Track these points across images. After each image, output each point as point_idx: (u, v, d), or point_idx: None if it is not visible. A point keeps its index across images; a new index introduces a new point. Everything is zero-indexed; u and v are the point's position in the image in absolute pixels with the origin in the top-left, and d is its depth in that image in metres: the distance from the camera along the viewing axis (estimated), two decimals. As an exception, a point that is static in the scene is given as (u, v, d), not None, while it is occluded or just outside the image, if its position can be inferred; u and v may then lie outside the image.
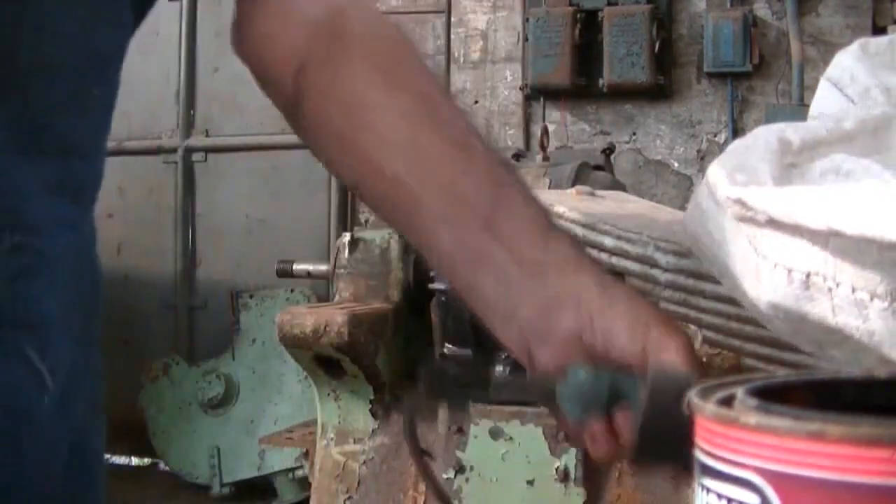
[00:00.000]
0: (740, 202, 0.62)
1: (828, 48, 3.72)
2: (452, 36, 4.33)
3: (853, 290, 0.60)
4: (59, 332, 0.78)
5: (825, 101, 0.78)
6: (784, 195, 0.60)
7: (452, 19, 4.33)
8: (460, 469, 1.97)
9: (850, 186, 0.58)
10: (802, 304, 0.63)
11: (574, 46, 3.95)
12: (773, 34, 3.93)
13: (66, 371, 0.79)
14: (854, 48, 0.79)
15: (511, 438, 1.95)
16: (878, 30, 3.73)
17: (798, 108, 3.55)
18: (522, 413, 1.94)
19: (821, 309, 0.62)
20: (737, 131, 3.95)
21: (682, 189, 4.01)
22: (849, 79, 0.77)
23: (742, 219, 0.64)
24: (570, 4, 4.00)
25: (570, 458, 1.91)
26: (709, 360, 1.71)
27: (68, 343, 0.79)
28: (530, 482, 1.94)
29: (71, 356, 0.79)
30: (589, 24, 3.98)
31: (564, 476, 1.91)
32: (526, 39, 4.10)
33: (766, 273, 0.64)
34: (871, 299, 0.59)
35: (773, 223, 0.61)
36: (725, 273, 0.72)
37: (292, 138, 0.82)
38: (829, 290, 0.61)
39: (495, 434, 1.96)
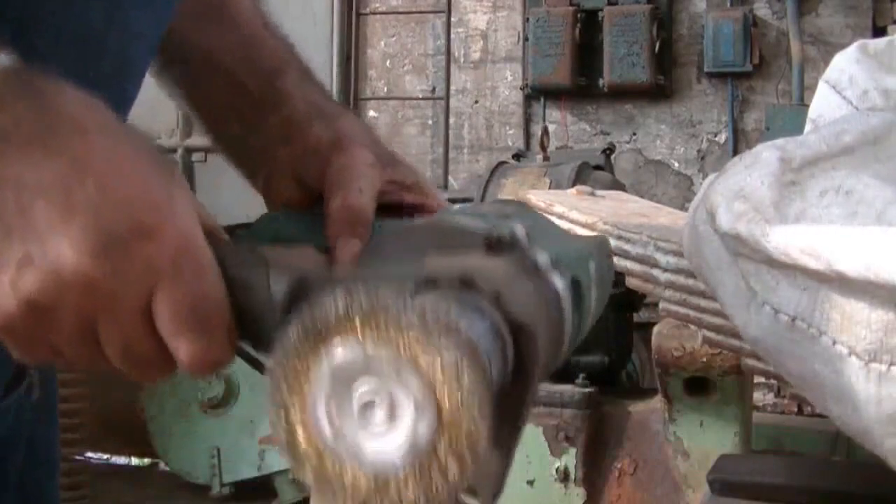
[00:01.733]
0: (738, 238, 0.62)
1: (828, 48, 3.72)
2: (452, 36, 4.33)
3: (833, 343, 0.60)
4: None
5: (824, 103, 0.78)
6: (783, 233, 0.60)
7: (452, 19, 4.33)
8: (460, 469, 1.97)
9: (852, 229, 0.57)
10: (785, 344, 0.63)
11: (574, 46, 3.95)
12: (773, 34, 3.93)
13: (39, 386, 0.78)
14: (852, 50, 0.79)
15: (511, 438, 1.95)
16: (878, 30, 3.73)
17: (798, 108, 3.55)
18: (522, 413, 1.94)
19: (801, 352, 0.62)
20: (737, 131, 3.95)
21: (682, 189, 4.01)
22: (847, 81, 0.77)
23: (738, 254, 0.64)
24: (571, 4, 4.00)
25: (570, 458, 1.91)
26: (709, 360, 1.71)
27: None
28: (530, 482, 1.94)
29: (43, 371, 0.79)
30: (589, 24, 3.99)
31: (564, 476, 1.91)
32: (526, 39, 4.10)
33: (753, 308, 0.64)
34: (849, 355, 0.59)
35: (769, 262, 0.61)
36: (716, 295, 0.72)
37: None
38: (812, 336, 0.61)
39: (495, 434, 1.96)
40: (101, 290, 0.50)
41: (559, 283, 0.57)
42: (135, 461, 4.68)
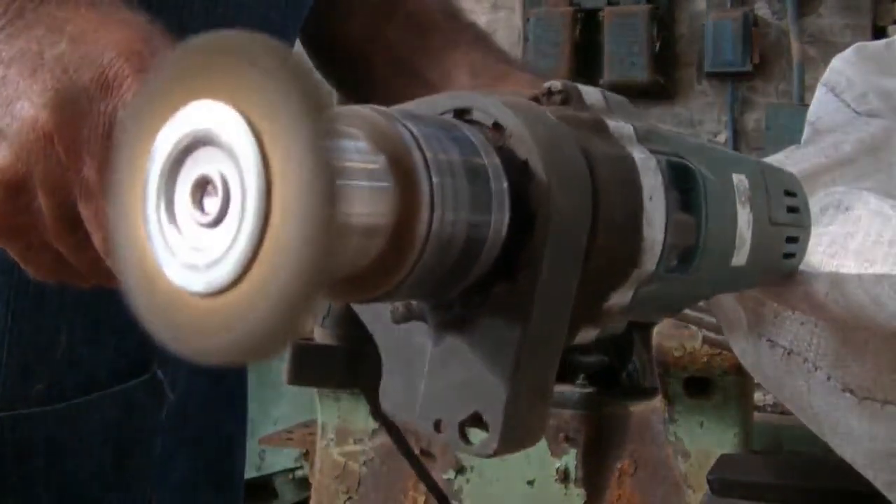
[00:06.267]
0: None
1: (828, 48, 3.72)
2: (453, 36, 4.33)
3: (828, 378, 0.59)
4: None
5: (822, 106, 0.77)
6: None
7: (453, 19, 4.33)
8: (460, 469, 1.97)
9: (850, 263, 0.57)
10: (781, 375, 0.63)
11: (574, 46, 3.95)
12: (774, 34, 3.93)
13: (185, 383, 0.78)
14: (850, 52, 0.79)
15: (511, 438, 1.95)
16: (879, 30, 3.72)
17: (798, 109, 3.55)
18: (522, 413, 1.94)
19: (797, 384, 0.62)
20: (737, 131, 3.95)
21: (682, 189, 4.00)
22: (845, 84, 0.76)
23: None
24: (570, 4, 4.00)
25: (570, 458, 1.91)
26: (709, 360, 1.71)
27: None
28: (530, 482, 1.94)
29: (189, 368, 0.79)
30: (589, 24, 3.98)
31: (564, 476, 1.91)
32: (526, 39, 4.09)
33: (752, 338, 0.64)
34: (844, 391, 0.59)
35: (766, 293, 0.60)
36: (716, 317, 0.72)
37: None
38: (808, 371, 0.61)
39: (495, 434, 1.96)
40: (62, 150, 0.46)
41: (639, 154, 0.41)
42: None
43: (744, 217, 0.47)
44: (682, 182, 0.43)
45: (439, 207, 0.35)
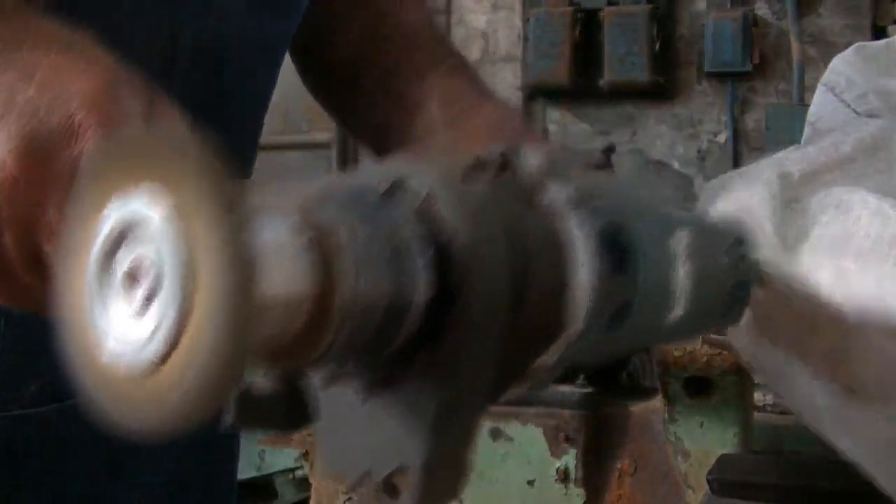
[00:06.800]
0: None
1: (828, 48, 3.72)
2: (452, 36, 4.33)
3: (830, 378, 0.60)
4: None
5: (823, 106, 0.77)
6: (783, 264, 0.59)
7: (452, 19, 4.33)
8: (460, 469, 1.97)
9: (848, 265, 0.57)
10: (782, 376, 0.63)
11: (574, 46, 3.95)
12: (773, 34, 3.93)
13: None
14: (850, 53, 0.79)
15: (511, 439, 1.95)
16: (879, 30, 3.73)
17: (798, 109, 3.55)
18: (522, 413, 1.94)
19: (798, 384, 0.62)
20: (737, 131, 3.95)
21: (682, 189, 4.00)
22: (845, 84, 0.76)
23: None
24: (570, 4, 4.00)
25: (570, 459, 1.91)
26: (709, 360, 1.71)
27: None
28: (530, 482, 1.94)
29: None
30: (589, 24, 3.99)
31: (564, 476, 1.91)
32: (526, 39, 4.10)
33: (751, 335, 0.64)
34: (844, 391, 0.59)
35: (768, 289, 0.60)
36: None
37: (292, 138, 0.88)
38: (809, 371, 0.61)
39: (495, 434, 1.96)
40: (26, 194, 0.47)
41: (573, 220, 0.42)
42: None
43: (682, 273, 0.48)
44: (616, 245, 0.44)
45: (362, 282, 0.37)
